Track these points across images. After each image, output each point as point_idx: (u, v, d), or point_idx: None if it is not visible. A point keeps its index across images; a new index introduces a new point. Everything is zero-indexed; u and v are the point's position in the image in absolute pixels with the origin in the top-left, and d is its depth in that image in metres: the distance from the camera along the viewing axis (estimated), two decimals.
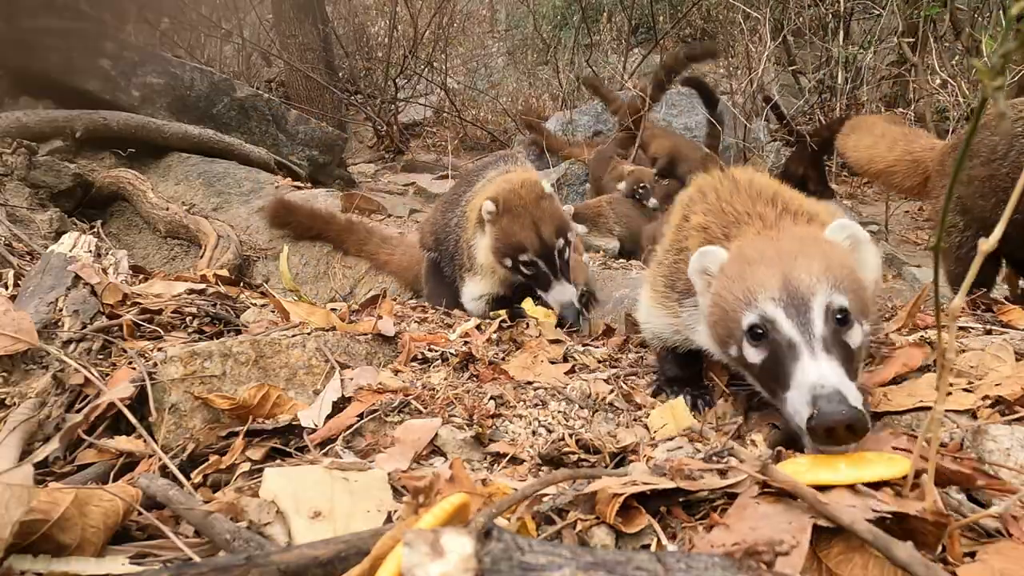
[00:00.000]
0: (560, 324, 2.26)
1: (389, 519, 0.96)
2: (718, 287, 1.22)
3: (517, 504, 0.90)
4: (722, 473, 0.99)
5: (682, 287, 1.40)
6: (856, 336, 1.11)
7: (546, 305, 2.34)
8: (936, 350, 1.51)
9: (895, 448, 1.04)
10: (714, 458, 1.05)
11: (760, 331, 1.12)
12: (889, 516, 0.84)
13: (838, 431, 0.97)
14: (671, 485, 0.94)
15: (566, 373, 1.75)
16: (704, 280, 1.27)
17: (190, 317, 1.77)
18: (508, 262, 2.37)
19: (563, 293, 2.31)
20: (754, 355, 1.14)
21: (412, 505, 0.83)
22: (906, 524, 0.86)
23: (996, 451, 1.07)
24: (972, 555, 0.84)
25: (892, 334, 1.58)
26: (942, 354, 0.79)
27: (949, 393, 0.79)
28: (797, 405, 1.02)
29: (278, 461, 1.18)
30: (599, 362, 1.86)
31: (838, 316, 1.09)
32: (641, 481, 0.95)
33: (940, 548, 0.85)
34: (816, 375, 1.01)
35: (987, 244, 0.71)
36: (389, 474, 1.07)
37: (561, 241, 2.31)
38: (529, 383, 1.62)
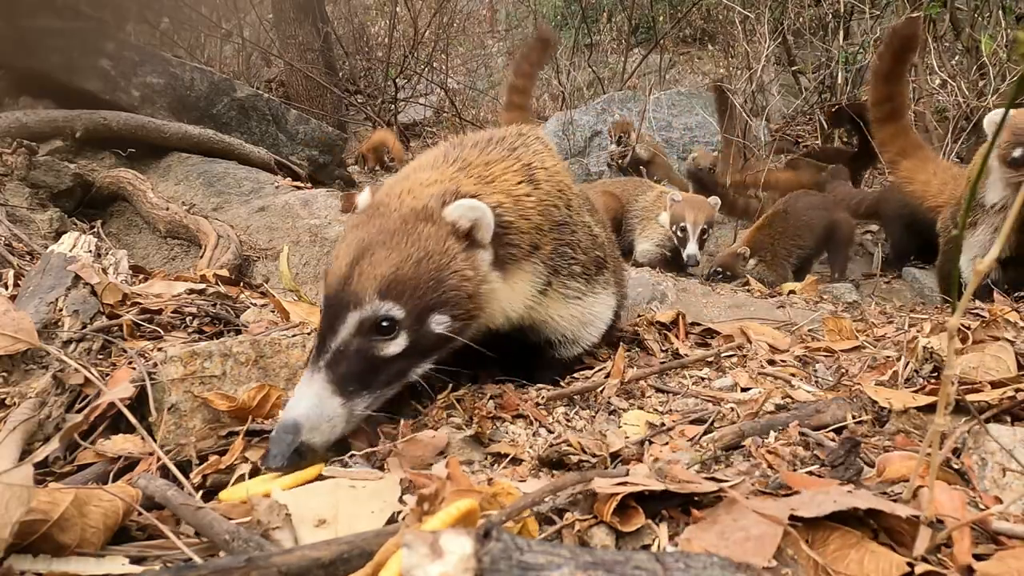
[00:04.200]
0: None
1: (392, 520, 0.96)
2: None
3: (527, 508, 0.90)
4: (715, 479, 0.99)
5: None
6: None
7: None
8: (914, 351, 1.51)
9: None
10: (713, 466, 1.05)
11: None
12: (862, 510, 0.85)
13: None
14: (661, 487, 0.94)
15: (569, 376, 1.75)
16: None
17: (190, 317, 1.77)
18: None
19: (291, 407, 1.17)
20: None
21: (417, 512, 0.83)
22: (883, 521, 0.87)
23: (998, 451, 1.07)
24: (980, 558, 0.84)
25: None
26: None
27: (949, 404, 0.80)
28: None
29: None
30: (600, 362, 1.86)
31: None
32: (633, 482, 0.95)
33: (937, 548, 0.85)
34: None
35: (983, 264, 0.72)
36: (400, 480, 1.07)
37: (383, 307, 1.20)
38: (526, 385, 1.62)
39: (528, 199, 1.48)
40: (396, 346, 1.24)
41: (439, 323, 1.28)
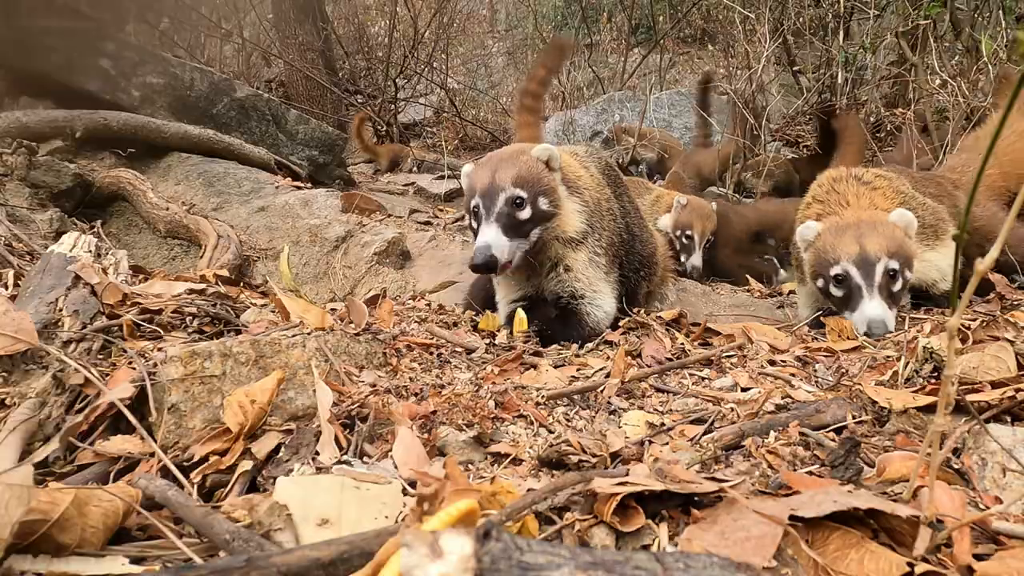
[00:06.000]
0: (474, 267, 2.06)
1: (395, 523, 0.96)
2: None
3: (527, 508, 0.90)
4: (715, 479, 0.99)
5: None
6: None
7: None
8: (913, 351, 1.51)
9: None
10: (713, 466, 1.05)
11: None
12: (862, 510, 0.85)
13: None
14: (661, 487, 0.94)
15: (570, 376, 1.75)
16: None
17: (190, 317, 1.77)
18: (467, 217, 2.25)
19: (480, 237, 2.06)
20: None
21: (417, 512, 0.83)
22: (883, 521, 0.87)
23: (998, 451, 1.07)
24: (980, 557, 0.84)
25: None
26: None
27: (949, 404, 0.80)
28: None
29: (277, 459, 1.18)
30: (602, 364, 1.86)
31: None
32: (633, 482, 0.95)
33: (937, 548, 0.85)
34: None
35: (984, 264, 0.72)
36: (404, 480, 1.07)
37: (518, 191, 2.11)
38: (527, 386, 1.62)
39: (573, 165, 2.46)
40: (525, 213, 2.12)
41: (543, 203, 2.16)
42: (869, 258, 2.28)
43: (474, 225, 2.20)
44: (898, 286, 2.31)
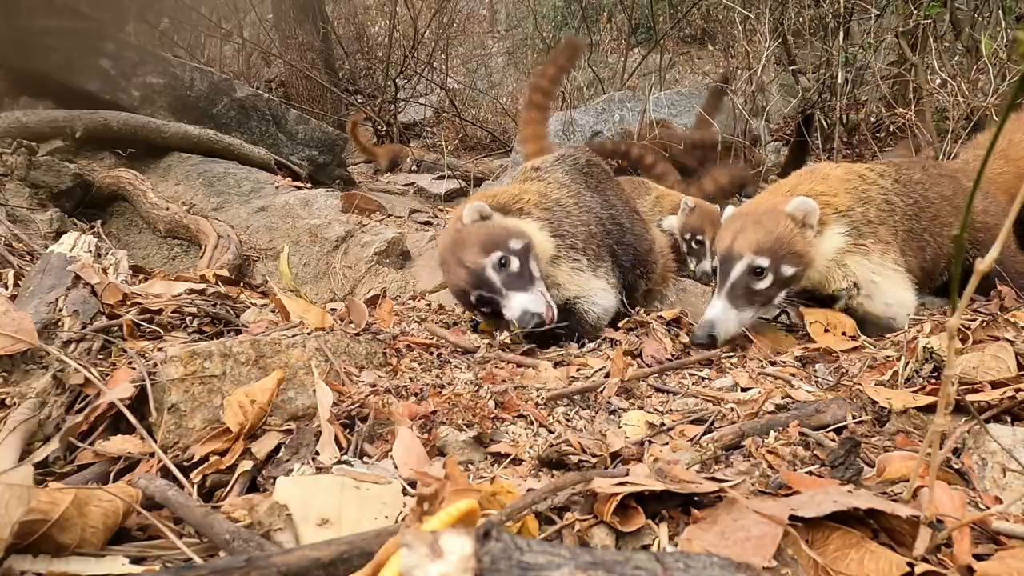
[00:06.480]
0: (529, 336, 2.04)
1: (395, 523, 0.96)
2: None
3: (527, 508, 0.90)
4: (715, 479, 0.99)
5: None
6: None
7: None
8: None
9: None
10: (713, 466, 1.05)
11: None
12: (862, 509, 0.85)
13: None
14: (661, 487, 0.94)
15: (570, 376, 1.75)
16: None
17: (190, 317, 1.77)
18: (476, 312, 2.26)
19: (513, 308, 2.06)
20: None
21: (417, 512, 0.83)
22: (883, 521, 0.87)
23: (998, 451, 1.07)
24: (980, 557, 0.84)
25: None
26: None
27: (949, 404, 0.79)
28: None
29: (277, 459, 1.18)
30: (602, 364, 1.86)
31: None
32: (633, 482, 0.95)
33: (937, 548, 0.85)
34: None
35: (984, 264, 0.72)
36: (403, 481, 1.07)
37: (494, 256, 2.10)
38: (527, 386, 1.62)
39: (511, 191, 2.46)
40: (515, 265, 2.13)
41: (514, 244, 2.16)
42: (731, 255, 2.15)
43: (487, 298, 2.17)
44: (764, 284, 2.13)
